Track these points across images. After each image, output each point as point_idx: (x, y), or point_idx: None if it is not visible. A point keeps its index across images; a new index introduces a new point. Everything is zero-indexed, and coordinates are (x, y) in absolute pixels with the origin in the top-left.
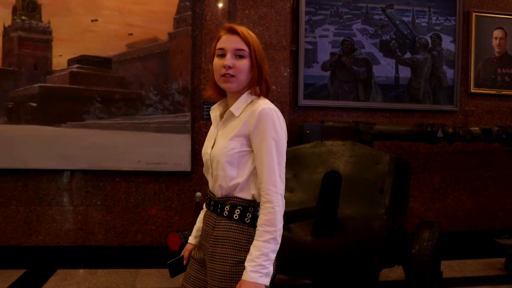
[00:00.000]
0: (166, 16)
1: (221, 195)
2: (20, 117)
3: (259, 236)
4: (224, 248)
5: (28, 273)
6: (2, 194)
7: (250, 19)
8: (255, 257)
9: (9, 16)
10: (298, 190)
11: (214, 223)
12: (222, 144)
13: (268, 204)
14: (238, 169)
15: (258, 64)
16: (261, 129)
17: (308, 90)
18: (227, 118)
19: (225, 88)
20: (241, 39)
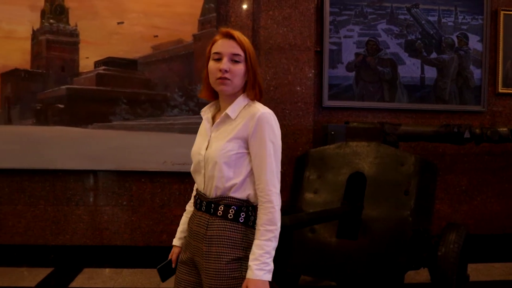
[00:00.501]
0: (191, 18)
1: (215, 196)
2: (48, 118)
3: (261, 236)
4: (219, 247)
5: (55, 272)
6: (30, 194)
7: (274, 20)
8: (259, 255)
9: (38, 20)
10: (322, 191)
11: (207, 223)
12: (219, 146)
13: (268, 204)
14: (235, 170)
15: (253, 69)
16: (260, 133)
17: (333, 91)
18: (222, 121)
19: (220, 91)
20: (237, 44)
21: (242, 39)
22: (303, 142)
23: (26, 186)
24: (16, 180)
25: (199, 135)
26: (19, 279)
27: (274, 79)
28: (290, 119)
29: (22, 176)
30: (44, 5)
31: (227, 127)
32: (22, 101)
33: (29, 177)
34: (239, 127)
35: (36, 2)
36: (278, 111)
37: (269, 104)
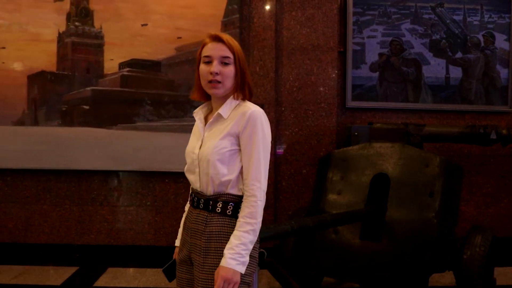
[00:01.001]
0: (214, 19)
1: (212, 193)
2: (74, 119)
3: (240, 227)
4: (218, 242)
5: (80, 271)
6: (56, 194)
7: (297, 21)
8: (235, 245)
9: (64, 22)
10: (345, 193)
11: (206, 220)
12: (213, 144)
13: (251, 198)
14: (229, 167)
15: (242, 70)
16: (250, 130)
17: (356, 92)
18: (215, 120)
19: (212, 93)
20: (226, 47)
21: (231, 41)
22: (326, 143)
23: (52, 186)
24: (43, 180)
25: (192, 135)
26: (45, 277)
27: (297, 80)
28: (313, 120)
29: (48, 176)
30: (69, 8)
31: (220, 126)
32: (48, 103)
33: (55, 177)
34: (231, 125)
35: (62, 5)
36: (301, 112)
37: (292, 105)
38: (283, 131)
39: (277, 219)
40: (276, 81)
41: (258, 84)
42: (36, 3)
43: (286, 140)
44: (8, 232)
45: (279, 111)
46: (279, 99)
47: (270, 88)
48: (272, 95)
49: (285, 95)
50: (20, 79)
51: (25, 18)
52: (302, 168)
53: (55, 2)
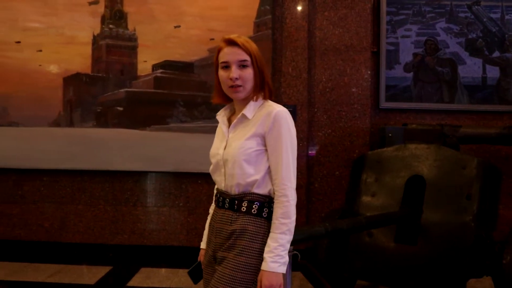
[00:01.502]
0: (247, 20)
1: (238, 192)
2: (108, 120)
3: (276, 229)
4: (242, 240)
5: (114, 270)
6: (91, 194)
7: (330, 21)
8: (274, 248)
9: (98, 25)
10: (380, 195)
11: (231, 219)
12: (239, 144)
13: (283, 198)
14: (255, 167)
15: (260, 70)
16: (276, 130)
17: (390, 92)
18: (240, 121)
19: (234, 98)
20: (242, 50)
21: (246, 44)
22: (359, 145)
23: (87, 186)
24: (78, 181)
25: (216, 137)
26: (79, 276)
27: (330, 80)
28: (346, 121)
29: (83, 176)
30: (104, 11)
31: (244, 127)
32: (83, 104)
33: (89, 177)
34: (257, 125)
35: (97, 8)
36: (334, 113)
37: (325, 105)
38: (316, 132)
39: (309, 221)
40: (309, 82)
41: (291, 85)
42: (72, 6)
43: (318, 141)
44: (45, 231)
45: (311, 112)
46: (311, 100)
47: (303, 89)
48: (304, 96)
49: (317, 96)
50: (56, 81)
51: (61, 22)
52: (335, 170)
53: (90, 6)
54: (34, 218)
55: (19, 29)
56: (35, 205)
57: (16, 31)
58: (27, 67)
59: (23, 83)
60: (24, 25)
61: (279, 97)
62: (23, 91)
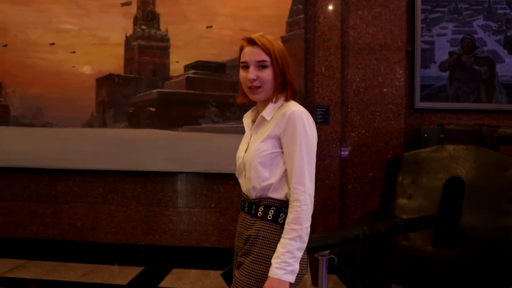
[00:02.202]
0: (279, 20)
1: (255, 196)
2: (140, 121)
3: (285, 234)
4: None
5: (146, 271)
6: (123, 194)
7: (363, 20)
8: (281, 254)
9: (131, 26)
10: (416, 197)
11: (249, 224)
12: (255, 147)
13: (295, 203)
14: (271, 170)
15: (281, 70)
16: (290, 130)
17: (425, 92)
18: (259, 123)
19: (253, 99)
20: (261, 50)
21: (266, 43)
22: (393, 145)
23: (119, 187)
24: (110, 181)
25: (242, 141)
26: (111, 276)
27: (363, 80)
28: (380, 122)
29: (115, 177)
30: (136, 11)
31: (263, 128)
32: (116, 105)
33: (121, 178)
34: (272, 127)
35: (129, 9)
36: (367, 113)
37: (358, 106)
38: (349, 133)
39: (342, 223)
40: (342, 82)
41: (324, 85)
42: (104, 8)
43: (352, 142)
44: (77, 230)
45: (345, 112)
46: (345, 100)
47: (336, 89)
48: (338, 96)
49: (351, 96)
50: (89, 82)
51: (93, 23)
52: (369, 171)
53: (122, 7)
54: (66, 217)
55: (52, 31)
56: (68, 205)
57: (50, 33)
58: (60, 68)
59: (56, 84)
60: (58, 26)
61: (312, 97)
62: (56, 92)
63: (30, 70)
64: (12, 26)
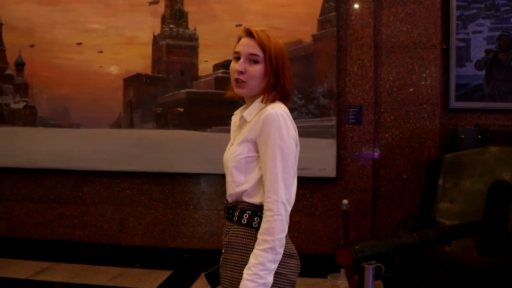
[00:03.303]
0: (310, 18)
1: (231, 201)
2: (168, 122)
3: (257, 244)
4: (233, 254)
5: (174, 275)
6: (151, 196)
7: (397, 17)
8: (252, 265)
9: (158, 25)
10: (459, 201)
11: (227, 230)
12: (231, 150)
13: (268, 213)
14: (246, 175)
15: (275, 70)
16: (265, 134)
17: (460, 91)
18: (241, 124)
19: (236, 93)
20: (256, 44)
21: (263, 38)
22: (428, 146)
23: (146, 188)
24: (137, 183)
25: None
26: (141, 280)
27: (397, 79)
28: (415, 122)
29: (142, 179)
30: (164, 10)
31: (244, 130)
32: (144, 105)
33: (149, 180)
34: (248, 130)
35: (157, 8)
36: (401, 113)
37: (392, 106)
38: (383, 133)
39: (375, 227)
40: (375, 81)
41: (356, 84)
42: (132, 7)
43: (385, 143)
44: (104, 233)
45: (378, 112)
46: (378, 100)
47: (369, 88)
48: (371, 96)
49: (384, 95)
50: (117, 82)
51: (121, 22)
52: (403, 173)
53: (150, 6)
54: (93, 219)
55: (80, 31)
56: (95, 206)
57: (77, 33)
58: (87, 68)
59: (84, 85)
60: (85, 26)
61: (344, 97)
62: (84, 93)
63: (57, 71)
64: (39, 27)
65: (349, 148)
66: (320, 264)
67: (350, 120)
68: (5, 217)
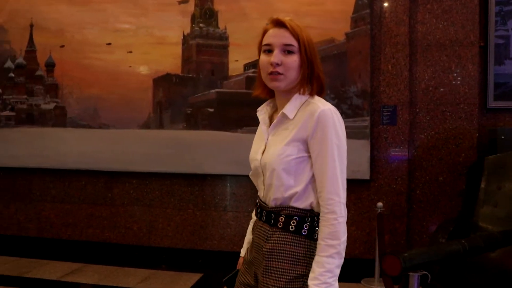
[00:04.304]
0: (343, 16)
1: (275, 205)
2: (198, 122)
3: (321, 251)
4: (279, 262)
5: (204, 278)
6: (180, 197)
7: (432, 14)
8: (319, 274)
9: (188, 24)
10: (504, 205)
11: (267, 235)
12: (277, 150)
13: (330, 215)
14: (296, 177)
15: (309, 60)
16: (321, 133)
17: (499, 91)
18: (280, 121)
19: (272, 87)
20: (289, 33)
21: (295, 27)
22: (466, 148)
23: (176, 190)
24: (167, 184)
25: (256, 138)
26: (171, 283)
27: (433, 78)
28: (451, 122)
29: (172, 180)
30: (194, 9)
31: (285, 128)
32: (173, 106)
33: (178, 181)
34: (298, 128)
35: (187, 7)
36: (437, 113)
37: (427, 106)
38: (418, 134)
39: (409, 231)
40: (410, 80)
41: (391, 83)
42: (161, 6)
43: (420, 144)
44: (133, 234)
45: (413, 112)
46: (413, 99)
47: (404, 88)
48: (405, 96)
49: (420, 95)
50: (146, 83)
51: (151, 22)
52: (439, 175)
53: (179, 5)
54: (123, 221)
55: (109, 31)
56: (124, 208)
57: (107, 33)
58: (117, 68)
59: (113, 85)
60: (114, 26)
61: (378, 96)
62: (113, 93)
63: (87, 71)
64: (69, 27)
65: (383, 149)
66: (353, 268)
67: (384, 120)
68: (35, 217)
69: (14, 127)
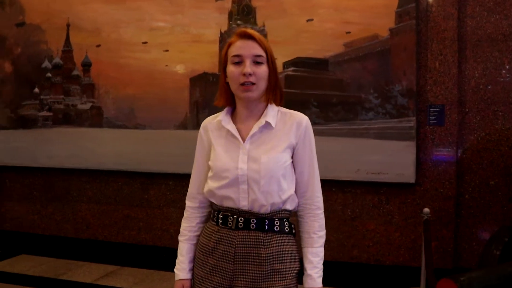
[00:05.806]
0: (387, 10)
1: (269, 211)
2: None
3: (315, 243)
4: (282, 263)
5: None
6: None
7: (483, 7)
8: (317, 263)
9: (225, 22)
10: None
11: (263, 241)
12: (274, 158)
13: (319, 211)
14: (288, 181)
15: (274, 70)
16: (308, 140)
17: None
18: (261, 130)
19: (245, 97)
20: (258, 44)
21: (262, 38)
22: None
23: None
24: None
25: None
26: None
27: (484, 75)
28: (504, 123)
29: None
30: (231, 6)
31: (270, 137)
32: (210, 106)
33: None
34: (288, 136)
35: (224, 4)
36: (489, 113)
37: (478, 105)
38: (467, 135)
39: (458, 238)
40: (459, 78)
41: (438, 82)
42: (198, 3)
43: (470, 146)
44: (169, 237)
45: (462, 112)
46: (462, 98)
47: (452, 86)
48: (454, 94)
49: (469, 94)
50: (183, 82)
51: (187, 20)
52: (490, 179)
53: (216, 2)
54: (159, 223)
55: (145, 29)
56: (160, 210)
57: (143, 31)
58: (153, 68)
59: (149, 85)
60: (150, 24)
61: (424, 95)
62: (149, 93)
63: (123, 70)
64: (105, 26)
65: (429, 151)
66: (397, 276)
67: (431, 120)
68: (72, 218)
69: (51, 127)
